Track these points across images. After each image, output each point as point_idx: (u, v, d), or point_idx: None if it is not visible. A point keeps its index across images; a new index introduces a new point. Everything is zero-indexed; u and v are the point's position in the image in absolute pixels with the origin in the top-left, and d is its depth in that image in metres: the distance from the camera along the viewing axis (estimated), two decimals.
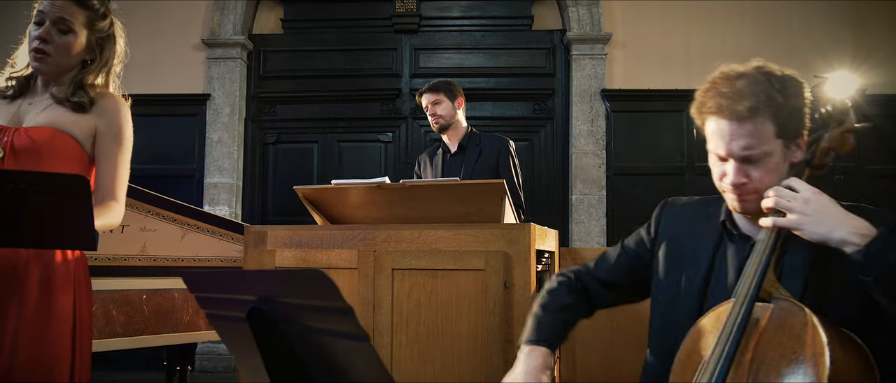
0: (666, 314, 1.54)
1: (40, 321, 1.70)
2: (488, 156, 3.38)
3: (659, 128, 5.70)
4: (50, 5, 1.83)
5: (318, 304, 0.84)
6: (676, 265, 1.55)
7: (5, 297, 1.68)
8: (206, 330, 2.60)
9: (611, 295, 1.71)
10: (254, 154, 6.08)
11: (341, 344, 0.84)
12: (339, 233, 2.14)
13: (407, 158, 5.96)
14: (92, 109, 1.86)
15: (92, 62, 1.91)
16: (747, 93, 1.35)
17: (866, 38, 5.64)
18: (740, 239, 1.48)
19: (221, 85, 5.93)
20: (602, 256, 1.74)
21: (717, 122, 1.39)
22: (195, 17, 5.99)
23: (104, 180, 1.84)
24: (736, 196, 1.41)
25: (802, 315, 1.23)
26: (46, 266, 1.74)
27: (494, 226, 2.15)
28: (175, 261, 2.71)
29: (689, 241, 1.55)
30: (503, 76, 5.96)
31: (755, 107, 1.34)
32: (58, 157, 1.78)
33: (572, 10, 5.77)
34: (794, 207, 1.29)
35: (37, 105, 1.86)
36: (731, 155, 1.38)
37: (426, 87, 3.52)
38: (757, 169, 1.37)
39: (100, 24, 1.91)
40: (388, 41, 6.08)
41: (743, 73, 1.40)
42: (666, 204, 1.68)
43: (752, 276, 1.32)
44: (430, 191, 2.28)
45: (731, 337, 1.27)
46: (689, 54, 5.73)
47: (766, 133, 1.35)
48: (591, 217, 5.65)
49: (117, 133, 1.88)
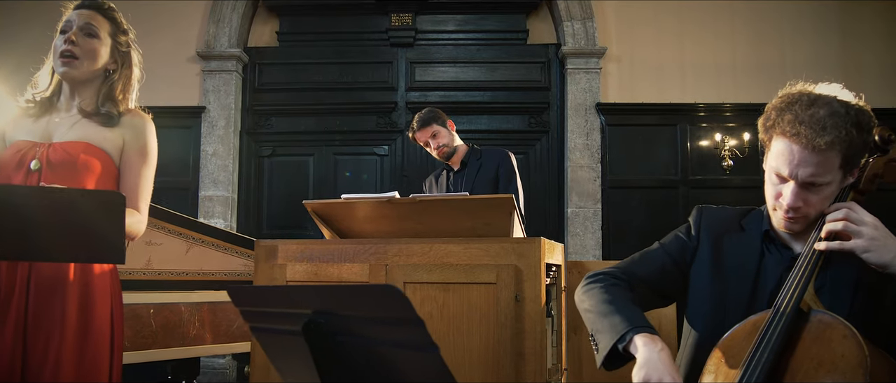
0: (712, 322, 1.52)
1: (81, 333, 1.75)
2: (488, 170, 3.41)
3: (653, 141, 5.74)
4: (76, 14, 1.92)
5: (387, 317, 0.86)
6: (720, 274, 1.55)
7: (51, 310, 1.72)
8: (212, 344, 2.59)
9: (655, 299, 1.67)
10: (249, 166, 6.07)
11: (408, 354, 0.86)
12: (350, 247, 2.14)
13: (403, 171, 5.97)
14: (119, 124, 1.92)
15: (114, 73, 1.97)
16: (829, 125, 1.35)
17: (856, 51, 5.73)
18: (780, 249, 1.51)
19: (217, 97, 5.93)
20: (640, 256, 1.69)
21: (789, 146, 1.39)
22: (190, 30, 5.99)
23: (128, 192, 1.90)
24: (787, 217, 1.43)
25: (841, 328, 1.26)
26: (86, 279, 1.79)
27: (505, 240, 2.16)
28: (179, 275, 2.70)
29: (730, 250, 1.57)
30: (499, 89, 6.00)
31: (833, 142, 1.34)
32: (91, 171, 1.84)
33: (567, 24, 5.82)
34: (863, 233, 1.33)
35: (65, 121, 1.92)
36: (795, 179, 1.40)
37: (416, 125, 3.49)
38: (815, 195, 1.40)
39: (121, 38, 2.00)
40: (383, 54, 6.10)
41: (823, 102, 1.39)
42: (703, 209, 1.67)
43: (793, 289, 1.35)
44: (438, 205, 2.29)
45: (770, 344, 1.30)
46: (683, 69, 5.80)
47: (832, 164, 1.37)
48: (587, 230, 5.67)
49: (143, 147, 1.94)
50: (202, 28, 5.98)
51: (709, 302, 1.54)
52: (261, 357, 2.15)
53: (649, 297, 1.64)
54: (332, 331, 0.93)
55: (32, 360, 1.68)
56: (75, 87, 1.94)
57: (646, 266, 1.65)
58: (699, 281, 1.58)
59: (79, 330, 1.74)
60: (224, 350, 2.65)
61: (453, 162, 3.54)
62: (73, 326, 1.74)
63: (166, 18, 5.92)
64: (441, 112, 3.54)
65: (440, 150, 3.47)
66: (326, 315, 0.92)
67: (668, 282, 1.63)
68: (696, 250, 1.61)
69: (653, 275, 1.63)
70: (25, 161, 1.81)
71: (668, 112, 5.73)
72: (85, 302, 1.77)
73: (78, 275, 1.77)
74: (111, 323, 1.83)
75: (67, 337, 1.72)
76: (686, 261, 1.61)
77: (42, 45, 2.05)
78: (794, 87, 1.47)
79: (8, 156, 1.85)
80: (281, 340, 1.03)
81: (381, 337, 0.89)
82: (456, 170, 3.53)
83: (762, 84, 5.61)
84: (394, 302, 0.83)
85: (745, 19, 5.83)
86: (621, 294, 1.56)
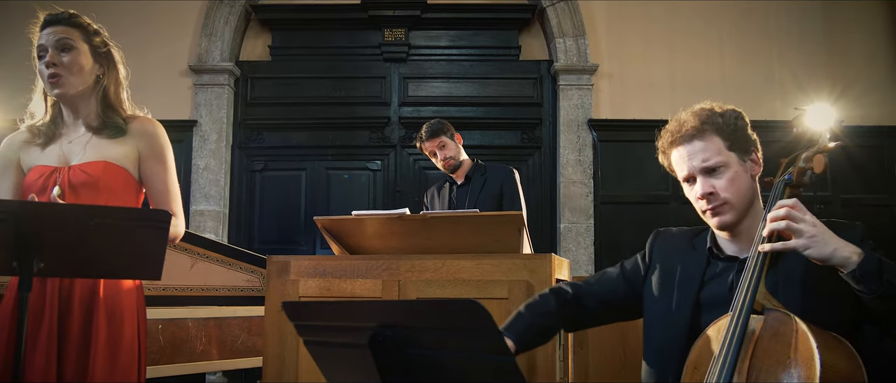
0: (660, 332, 1.65)
1: (112, 350, 1.76)
2: (492, 186, 3.42)
3: (644, 157, 5.78)
4: (46, 35, 1.89)
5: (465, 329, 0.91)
6: (668, 288, 1.68)
7: (83, 327, 1.73)
8: (218, 360, 2.58)
9: (605, 311, 1.82)
10: (241, 181, 6.04)
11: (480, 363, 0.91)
12: (362, 262, 2.14)
13: (396, 186, 5.97)
14: (129, 134, 1.93)
15: (103, 77, 1.96)
16: (690, 119, 1.61)
17: (843, 70, 5.85)
18: (726, 261, 1.62)
19: (208, 111, 5.90)
20: (602, 274, 1.87)
21: (676, 152, 1.64)
22: (182, 43, 5.97)
23: (158, 200, 1.93)
24: (710, 209, 1.58)
25: (791, 323, 1.34)
26: (115, 296, 1.79)
27: (516, 256, 2.18)
28: (184, 291, 2.68)
29: (678, 266, 1.69)
30: (491, 105, 6.03)
31: (699, 125, 1.59)
32: (112, 188, 1.85)
33: (559, 41, 5.89)
34: (803, 231, 1.38)
35: (77, 142, 1.91)
36: (694, 171, 1.59)
37: (425, 134, 3.49)
38: (719, 179, 1.56)
39: (96, 40, 1.96)
40: (376, 69, 6.11)
41: (684, 112, 1.67)
42: (658, 233, 1.83)
43: (745, 291, 1.43)
44: (448, 221, 2.30)
45: (731, 348, 1.37)
46: (674, 85, 5.88)
47: (716, 145, 1.57)
48: (579, 245, 5.70)
49: (160, 153, 1.96)
50: (194, 41, 5.96)
51: (657, 315, 1.69)
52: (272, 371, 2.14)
53: (603, 311, 1.81)
54: (399, 343, 0.97)
55: (67, 378, 1.69)
56: (74, 105, 1.93)
57: (601, 285, 1.83)
58: (650, 298, 1.72)
59: (109, 346, 1.75)
60: (229, 365, 2.63)
61: (458, 175, 3.54)
62: (104, 343, 1.74)
63: (158, 32, 5.89)
64: (450, 124, 3.55)
65: (446, 162, 3.47)
66: (392, 328, 0.96)
67: (621, 299, 1.79)
68: (646, 272, 1.77)
69: (606, 293, 1.80)
70: (48, 186, 1.81)
71: (659, 128, 5.77)
72: (114, 318, 1.78)
73: (107, 292, 1.78)
74: (138, 339, 1.83)
75: (99, 353, 1.72)
76: (639, 282, 1.77)
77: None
78: None
79: (31, 180, 1.85)
80: (341, 353, 1.07)
81: (452, 347, 0.94)
82: (460, 184, 3.54)
83: (749, 101, 5.68)
84: (476, 316, 0.89)
85: (732, 37, 5.92)
86: (543, 305, 1.76)
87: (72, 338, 1.72)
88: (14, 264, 1.43)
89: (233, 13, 5.96)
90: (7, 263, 1.46)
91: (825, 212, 5.54)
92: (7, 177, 1.91)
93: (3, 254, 1.46)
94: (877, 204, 5.77)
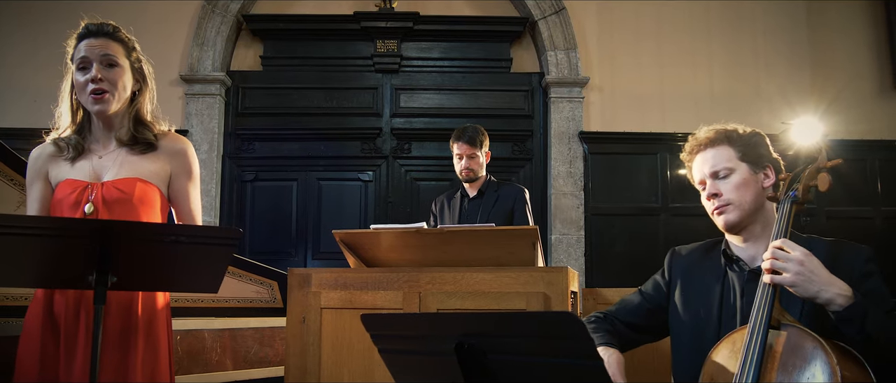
0: (692, 343, 1.72)
1: (150, 360, 1.77)
2: (505, 203, 3.48)
3: (634, 169, 5.87)
4: (89, 47, 1.87)
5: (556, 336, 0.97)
6: (692, 300, 1.78)
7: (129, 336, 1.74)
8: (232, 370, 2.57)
9: (635, 335, 1.91)
10: (231, 191, 6.00)
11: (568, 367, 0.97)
12: (382, 275, 2.16)
13: (387, 197, 5.98)
14: (160, 150, 1.93)
15: (139, 93, 1.97)
16: (708, 132, 1.78)
17: (829, 85, 5.98)
18: (739, 264, 1.73)
19: (199, 121, 5.87)
20: (622, 302, 1.95)
21: (693, 162, 1.80)
22: (173, 53, 5.94)
23: (187, 216, 1.96)
24: (715, 210, 1.72)
25: (811, 338, 1.42)
26: (150, 310, 1.80)
27: (534, 269, 2.22)
28: (195, 302, 2.66)
29: (697, 278, 1.79)
30: (482, 117, 6.04)
31: (713, 137, 1.76)
32: (145, 205, 1.85)
33: (550, 54, 5.95)
34: (787, 268, 1.48)
35: (108, 158, 1.90)
36: (704, 177, 1.76)
37: (465, 136, 3.50)
38: (725, 183, 1.71)
39: (134, 55, 1.98)
40: (368, 80, 6.12)
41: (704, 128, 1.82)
42: (674, 252, 1.92)
43: (762, 308, 1.51)
44: (464, 235, 2.33)
45: (754, 363, 1.44)
46: (663, 98, 5.97)
47: (726, 154, 1.73)
48: (570, 256, 5.75)
49: (190, 171, 2.00)
50: (185, 51, 5.93)
51: (685, 327, 1.77)
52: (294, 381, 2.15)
53: (629, 335, 1.89)
54: (483, 350, 1.03)
55: None
56: (109, 120, 1.92)
57: (624, 311, 1.93)
58: (675, 314, 1.81)
59: (146, 360, 1.75)
60: (243, 376, 2.62)
61: (472, 187, 3.58)
62: (141, 357, 1.74)
63: (149, 41, 5.75)
64: (487, 138, 3.59)
65: (466, 172, 3.51)
66: (477, 337, 1.02)
67: (646, 321, 1.89)
68: (669, 288, 1.86)
69: (630, 317, 1.90)
70: (81, 201, 1.80)
71: (649, 141, 5.87)
72: (150, 333, 1.78)
73: (144, 306, 1.78)
74: (169, 353, 1.84)
75: (137, 368, 1.72)
76: (663, 299, 1.87)
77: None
78: None
79: (63, 195, 1.83)
80: (419, 360, 1.14)
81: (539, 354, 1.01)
82: (472, 197, 3.57)
83: (738, 113, 5.79)
84: (570, 326, 0.96)
85: (721, 52, 6.03)
86: (603, 328, 1.87)
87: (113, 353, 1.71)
88: (90, 278, 1.44)
89: (224, 23, 5.94)
90: (82, 277, 1.47)
91: (810, 226, 5.66)
92: (35, 189, 1.89)
93: (77, 268, 1.47)
94: (861, 216, 5.89)
